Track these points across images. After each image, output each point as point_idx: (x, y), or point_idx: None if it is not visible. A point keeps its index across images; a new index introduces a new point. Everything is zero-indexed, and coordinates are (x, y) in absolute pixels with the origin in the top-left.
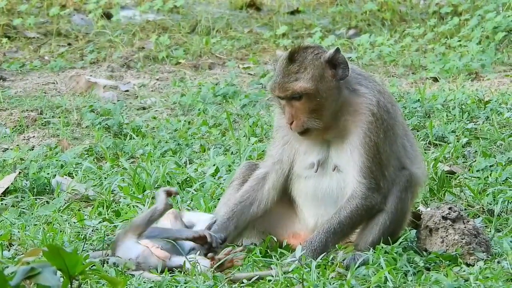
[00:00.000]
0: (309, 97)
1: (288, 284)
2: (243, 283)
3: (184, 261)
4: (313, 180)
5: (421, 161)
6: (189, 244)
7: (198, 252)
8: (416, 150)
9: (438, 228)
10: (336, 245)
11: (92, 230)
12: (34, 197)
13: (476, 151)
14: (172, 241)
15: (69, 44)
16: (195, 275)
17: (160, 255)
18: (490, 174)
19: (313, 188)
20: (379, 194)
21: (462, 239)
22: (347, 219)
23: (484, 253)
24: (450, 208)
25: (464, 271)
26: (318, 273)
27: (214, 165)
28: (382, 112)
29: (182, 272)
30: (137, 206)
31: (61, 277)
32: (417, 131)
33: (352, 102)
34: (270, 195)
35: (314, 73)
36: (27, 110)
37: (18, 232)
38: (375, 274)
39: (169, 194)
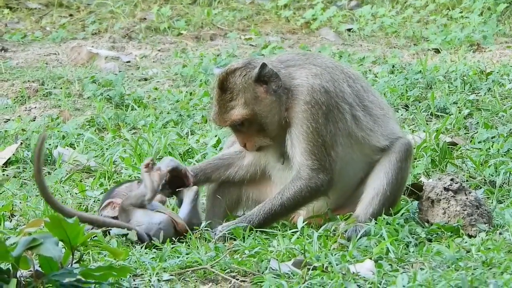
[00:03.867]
0: (250, 121)
1: (290, 255)
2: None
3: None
4: (286, 172)
5: (389, 123)
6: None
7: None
8: (377, 116)
9: (440, 200)
10: (337, 216)
11: (94, 201)
12: None
13: (478, 122)
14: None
15: (71, 15)
16: (197, 246)
17: (181, 225)
18: (492, 146)
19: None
20: (325, 174)
21: (464, 210)
22: (290, 200)
23: (486, 225)
24: (452, 179)
25: (465, 242)
26: (320, 244)
27: (215, 136)
28: (318, 96)
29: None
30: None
31: (62, 248)
32: (419, 102)
33: (288, 99)
34: (249, 169)
35: (247, 96)
36: (28, 81)
37: (20, 203)
38: (376, 245)
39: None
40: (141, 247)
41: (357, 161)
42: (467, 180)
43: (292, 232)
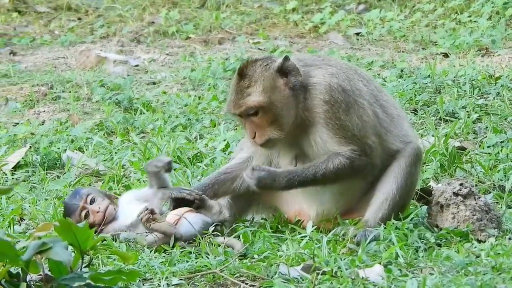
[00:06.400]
0: (265, 110)
1: (299, 260)
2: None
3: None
4: None
5: (403, 124)
6: None
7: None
8: (393, 116)
9: (449, 204)
10: (347, 221)
11: None
12: (45, 171)
13: (487, 127)
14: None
15: (79, 18)
16: (206, 250)
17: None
18: (501, 150)
19: None
20: (367, 158)
21: (473, 215)
22: (332, 172)
23: (495, 229)
24: (461, 184)
25: (475, 247)
26: (329, 249)
27: (224, 140)
28: (336, 95)
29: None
30: (147, 181)
31: (72, 252)
32: (428, 107)
33: (306, 99)
34: None
35: (265, 85)
36: (37, 84)
37: (29, 206)
38: (386, 250)
39: None
40: (150, 251)
41: None
42: (476, 185)
43: (302, 237)
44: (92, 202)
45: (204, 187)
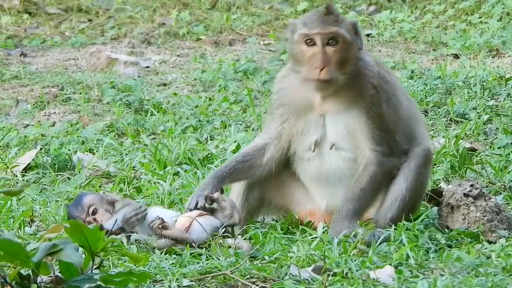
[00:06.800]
0: (345, 45)
1: (310, 261)
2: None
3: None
4: (314, 162)
5: (420, 125)
6: None
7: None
8: (420, 119)
9: (460, 205)
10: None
11: None
12: (55, 173)
13: (497, 128)
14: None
15: (90, 20)
16: (217, 252)
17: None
18: None
19: (316, 170)
20: (394, 157)
21: (484, 216)
22: (368, 184)
23: (506, 230)
24: (471, 185)
25: (485, 248)
26: (340, 250)
27: (235, 141)
28: (382, 83)
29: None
30: (158, 183)
31: (82, 253)
32: (438, 108)
33: (357, 74)
34: (268, 165)
35: (348, 27)
36: (48, 86)
37: (40, 208)
38: (396, 251)
39: None
40: (161, 253)
41: None
42: (486, 186)
43: (312, 238)
44: (94, 213)
45: (223, 175)
